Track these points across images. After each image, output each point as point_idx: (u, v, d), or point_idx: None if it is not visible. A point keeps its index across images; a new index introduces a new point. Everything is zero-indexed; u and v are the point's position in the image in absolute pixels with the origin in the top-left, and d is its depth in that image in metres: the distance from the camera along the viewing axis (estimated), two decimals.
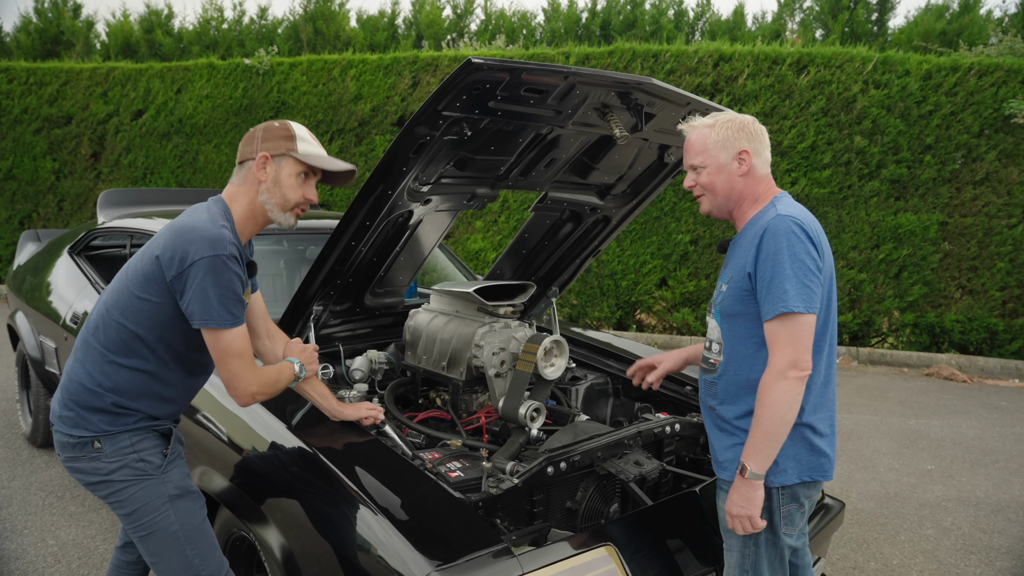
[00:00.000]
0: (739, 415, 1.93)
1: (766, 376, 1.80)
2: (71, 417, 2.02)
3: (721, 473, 1.99)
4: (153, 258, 1.93)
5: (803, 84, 8.03)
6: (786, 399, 1.76)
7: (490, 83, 2.02)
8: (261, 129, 2.04)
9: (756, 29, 12.12)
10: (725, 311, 1.94)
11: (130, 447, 2.01)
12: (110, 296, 2.03)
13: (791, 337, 1.77)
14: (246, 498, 2.29)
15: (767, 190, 1.99)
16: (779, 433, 1.78)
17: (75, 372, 2.03)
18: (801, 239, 1.81)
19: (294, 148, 2.01)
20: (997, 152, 7.68)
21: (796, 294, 1.77)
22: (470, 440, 2.61)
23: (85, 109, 10.19)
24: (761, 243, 1.83)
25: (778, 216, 1.85)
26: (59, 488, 4.02)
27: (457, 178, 2.51)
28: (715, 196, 1.99)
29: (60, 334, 3.92)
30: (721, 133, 1.95)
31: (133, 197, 4.54)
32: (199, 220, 1.93)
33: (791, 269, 1.78)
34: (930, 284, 7.94)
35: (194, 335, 1.98)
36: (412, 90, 9.09)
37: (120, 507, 2.05)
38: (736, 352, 1.93)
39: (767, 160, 1.99)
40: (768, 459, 1.80)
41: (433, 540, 1.88)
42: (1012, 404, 6.51)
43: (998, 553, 3.66)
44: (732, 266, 1.95)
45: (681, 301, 8.54)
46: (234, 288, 1.90)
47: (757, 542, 1.92)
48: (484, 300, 2.79)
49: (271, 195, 2.02)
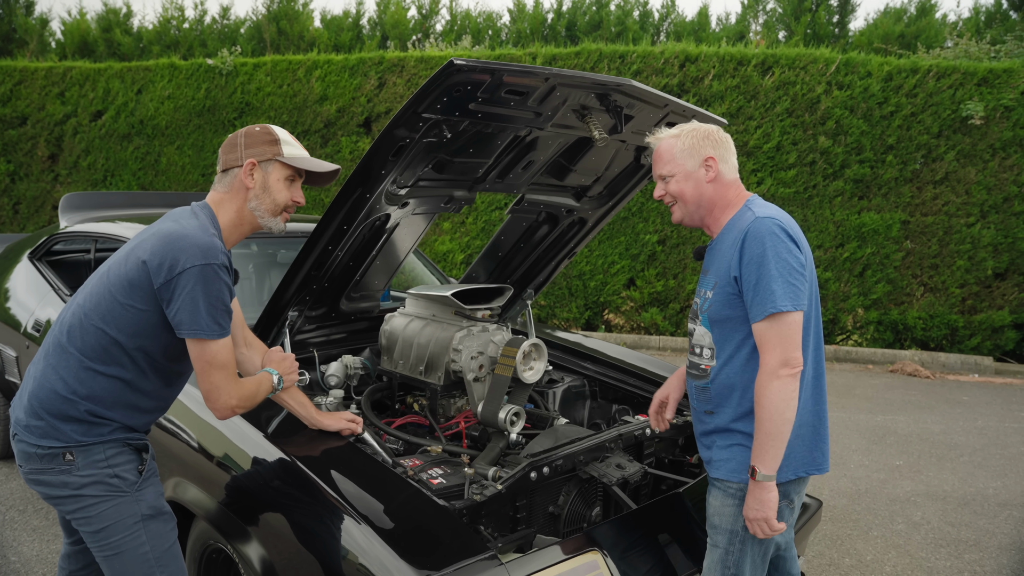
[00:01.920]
0: (735, 417, 1.94)
1: (760, 377, 1.83)
2: (40, 427, 1.92)
3: (712, 471, 2.00)
4: (139, 263, 1.86)
5: (768, 85, 8.13)
6: (782, 397, 1.79)
7: (471, 85, 2.00)
8: (243, 135, 2.00)
9: (720, 30, 12.26)
10: (714, 317, 1.95)
11: (104, 461, 1.93)
12: (88, 300, 1.94)
13: (780, 336, 1.81)
14: (223, 509, 2.23)
15: (737, 195, 2.02)
16: (782, 432, 1.80)
17: (47, 379, 1.94)
18: (783, 239, 1.84)
19: (280, 152, 1.98)
20: (956, 152, 7.86)
21: (783, 293, 1.80)
22: (450, 446, 2.58)
23: (41, 110, 9.92)
24: (744, 246, 1.86)
25: (757, 219, 1.88)
26: (20, 502, 3.89)
27: (435, 181, 2.48)
28: (686, 204, 2.02)
29: (21, 342, 3.80)
30: (687, 142, 1.99)
31: (97, 200, 4.42)
32: (190, 227, 1.87)
33: (776, 270, 1.81)
34: (893, 282, 8.10)
35: (175, 344, 1.92)
36: (378, 91, 9.02)
37: (87, 524, 1.96)
38: (729, 355, 1.94)
39: (734, 166, 2.03)
40: (776, 459, 1.82)
41: (419, 549, 1.85)
42: (973, 399, 6.66)
43: (966, 546, 3.73)
44: (714, 272, 1.97)
45: (649, 301, 8.59)
46: (223, 298, 1.85)
47: (743, 539, 1.94)
48: (462, 304, 2.76)
49: (261, 201, 1.99)
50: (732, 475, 1.94)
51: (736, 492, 1.94)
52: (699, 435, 2.08)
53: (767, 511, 1.84)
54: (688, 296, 8.50)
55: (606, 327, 8.97)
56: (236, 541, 2.14)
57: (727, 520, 1.96)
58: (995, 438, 5.46)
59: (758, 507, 1.84)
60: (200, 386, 1.91)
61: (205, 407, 2.41)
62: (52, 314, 3.65)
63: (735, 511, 1.94)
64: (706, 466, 2.04)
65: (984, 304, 8.02)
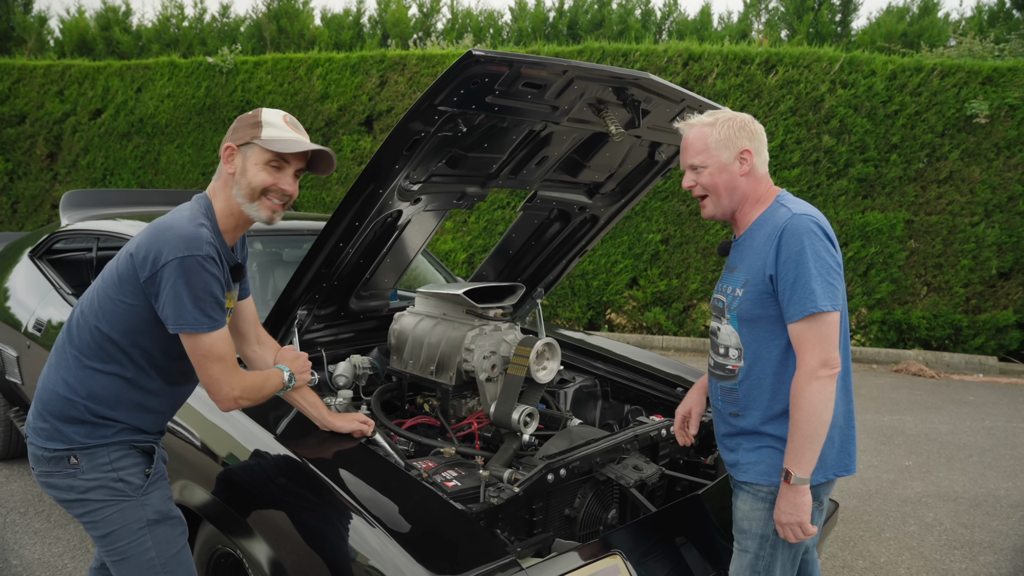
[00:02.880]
0: (764, 420, 1.88)
1: (798, 378, 1.77)
2: (46, 429, 1.89)
3: (739, 474, 1.94)
4: (127, 256, 1.82)
5: (772, 84, 8.09)
6: (821, 399, 1.74)
7: (489, 77, 1.95)
8: (237, 120, 1.94)
9: (722, 29, 12.21)
10: (744, 316, 1.89)
11: (108, 464, 1.88)
12: (85, 298, 1.92)
13: (819, 336, 1.75)
14: (232, 512, 2.18)
15: (767, 190, 1.96)
16: (819, 434, 1.75)
17: (49, 380, 1.91)
18: (821, 238, 1.79)
19: (258, 135, 1.87)
20: (960, 151, 7.82)
21: (823, 293, 1.75)
22: (463, 447, 2.53)
23: (40, 108, 9.85)
24: (780, 244, 1.80)
25: (795, 216, 1.82)
26: (21, 504, 3.83)
27: (448, 176, 2.43)
28: (718, 198, 1.95)
29: (22, 342, 3.74)
30: (723, 132, 1.90)
31: (98, 198, 4.36)
32: (177, 218, 1.82)
33: (815, 268, 1.76)
34: (897, 281, 8.06)
35: (172, 341, 1.86)
36: (380, 89, 8.96)
37: (94, 528, 1.92)
38: (759, 356, 1.88)
39: (766, 160, 1.97)
40: (811, 462, 1.77)
41: (437, 553, 1.80)
42: (979, 399, 6.62)
43: (980, 547, 3.69)
44: (745, 269, 1.90)
45: (652, 300, 8.55)
46: (210, 290, 1.78)
47: (775, 544, 1.88)
48: (474, 302, 2.71)
49: (240, 187, 1.88)
50: (762, 478, 1.88)
51: (767, 496, 1.88)
52: (722, 437, 2.02)
53: (801, 515, 1.78)
54: (691, 296, 8.45)
55: (608, 327, 8.92)
56: (243, 541, 2.09)
57: (757, 524, 1.90)
58: (1004, 438, 5.42)
59: (792, 511, 1.79)
60: (200, 380, 1.87)
61: (211, 407, 2.37)
62: (54, 313, 3.60)
63: (765, 515, 1.88)
64: (730, 469, 1.98)
65: (988, 304, 7.99)
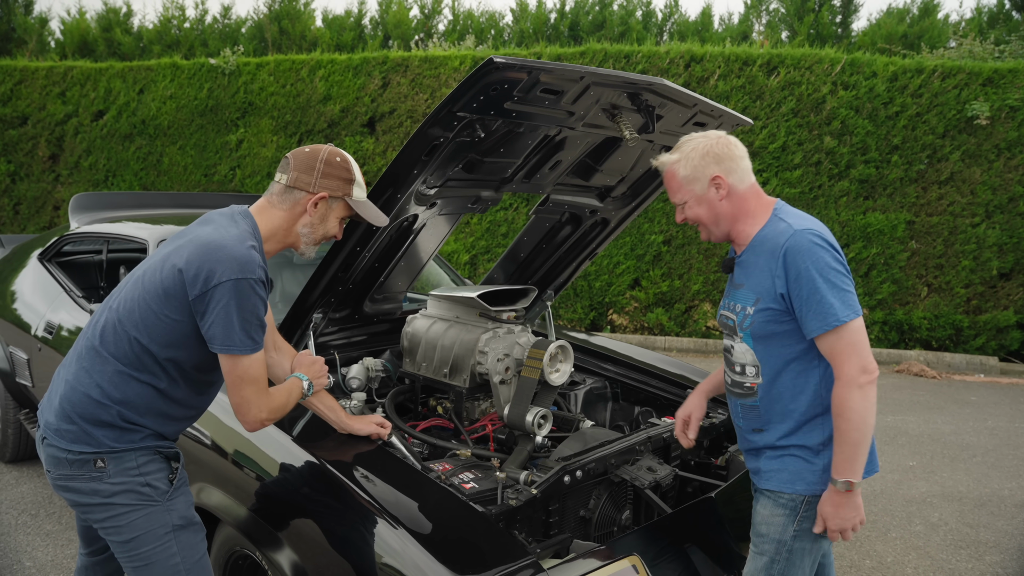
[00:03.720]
0: (786, 433, 1.90)
1: (839, 390, 1.78)
2: (72, 431, 1.88)
3: (761, 482, 1.96)
4: (175, 271, 1.81)
5: (773, 85, 8.12)
6: (866, 406, 1.76)
7: (508, 83, 1.97)
8: (323, 162, 1.94)
9: (723, 30, 12.24)
10: (758, 333, 1.90)
11: (136, 468, 1.89)
12: (123, 305, 1.90)
13: (851, 345, 1.77)
14: (252, 515, 2.20)
15: (759, 203, 1.95)
16: (867, 439, 1.78)
17: (80, 382, 1.89)
18: (825, 249, 1.81)
19: (350, 194, 1.97)
20: (961, 153, 7.85)
21: (840, 304, 1.77)
22: (478, 449, 2.55)
23: (42, 109, 9.86)
24: (786, 262, 1.82)
25: (796, 233, 1.83)
26: (32, 506, 3.85)
27: (464, 181, 2.45)
28: (706, 226, 1.98)
29: (33, 344, 3.76)
30: (688, 166, 1.92)
31: (107, 201, 4.37)
32: (228, 237, 1.82)
33: (826, 282, 1.78)
34: (898, 282, 8.09)
35: (207, 356, 1.88)
36: (382, 91, 8.98)
37: (117, 533, 1.92)
38: (778, 371, 1.89)
39: (746, 171, 1.94)
40: (862, 465, 1.80)
41: (458, 554, 1.82)
42: (981, 399, 6.65)
43: (986, 547, 3.72)
44: (752, 287, 1.91)
45: (654, 301, 8.57)
46: (258, 313, 1.81)
47: (791, 550, 1.89)
48: (487, 305, 2.74)
49: (313, 231, 1.97)
50: (784, 486, 1.89)
51: (787, 503, 1.89)
52: (744, 449, 2.04)
53: (861, 514, 1.82)
54: (693, 296, 8.48)
55: (611, 328, 8.95)
56: (266, 548, 2.11)
57: (775, 530, 1.91)
58: (1007, 438, 5.45)
59: (854, 513, 1.81)
60: (231, 399, 1.88)
61: (229, 411, 2.38)
62: (65, 317, 3.61)
63: (785, 521, 1.89)
64: (753, 476, 2.01)
65: (989, 304, 8.02)
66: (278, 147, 9.23)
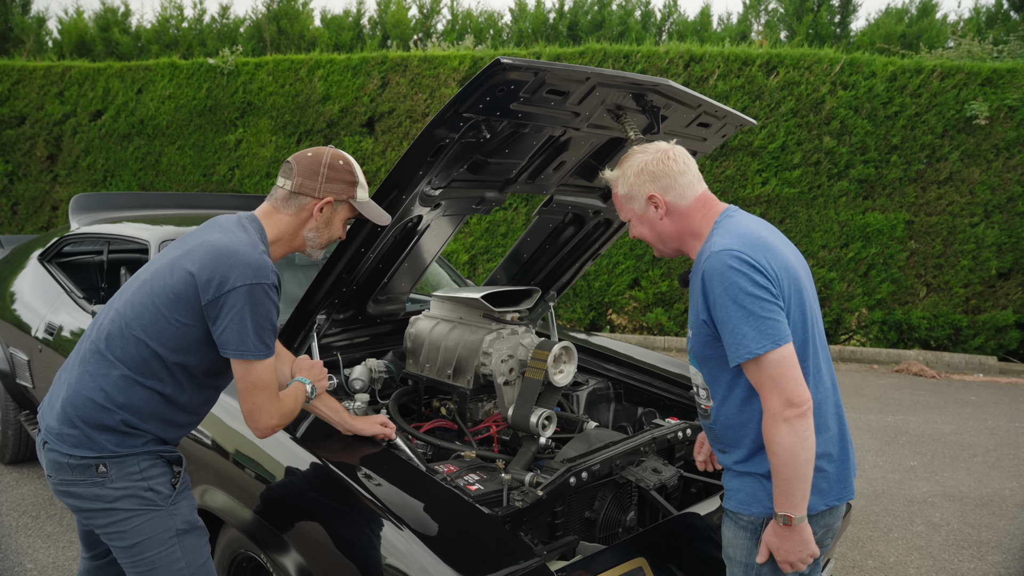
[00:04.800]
0: (742, 458, 1.79)
1: (765, 423, 1.66)
2: (74, 435, 1.86)
3: (725, 501, 1.86)
4: (186, 275, 1.80)
5: (773, 85, 8.12)
6: (794, 440, 1.62)
7: (515, 84, 1.97)
8: (326, 166, 1.94)
9: (722, 30, 12.25)
10: (698, 356, 1.82)
11: (138, 473, 1.88)
12: (130, 309, 1.88)
13: (772, 378, 1.63)
14: (257, 517, 2.20)
15: (703, 218, 1.83)
16: (802, 473, 1.64)
17: (83, 385, 1.87)
18: (739, 271, 1.65)
19: (354, 196, 1.99)
20: (960, 152, 7.86)
21: (755, 336, 1.62)
22: (483, 451, 2.54)
23: (40, 109, 9.82)
24: (705, 288, 1.71)
25: (711, 255, 1.70)
26: (33, 507, 3.84)
27: (468, 182, 2.45)
28: (653, 244, 1.91)
29: (33, 345, 3.75)
30: (625, 186, 1.86)
31: (107, 201, 4.36)
32: (240, 242, 1.82)
33: (738, 312, 1.64)
34: (897, 282, 8.10)
35: (217, 361, 1.87)
36: (381, 91, 8.97)
37: (120, 539, 1.90)
38: (724, 395, 1.79)
39: (687, 186, 1.82)
40: (803, 499, 1.66)
41: (465, 556, 1.81)
42: (981, 399, 6.66)
43: (988, 547, 3.72)
44: (691, 308, 1.80)
45: (654, 301, 8.57)
46: (271, 318, 1.81)
47: (759, 572, 1.78)
48: (491, 306, 2.73)
49: (319, 234, 1.99)
50: (741, 507, 1.79)
51: (747, 525, 1.78)
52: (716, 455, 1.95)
53: (810, 548, 1.69)
54: None
55: (610, 327, 8.95)
56: (271, 550, 2.10)
57: (741, 553, 1.81)
58: (1007, 438, 5.46)
59: (801, 548, 1.68)
60: (242, 406, 1.87)
61: (232, 412, 2.38)
62: (66, 318, 3.60)
63: (748, 544, 1.79)
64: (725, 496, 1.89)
65: (988, 304, 8.03)
66: (277, 147, 9.21)
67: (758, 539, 1.76)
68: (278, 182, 1.99)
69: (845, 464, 1.82)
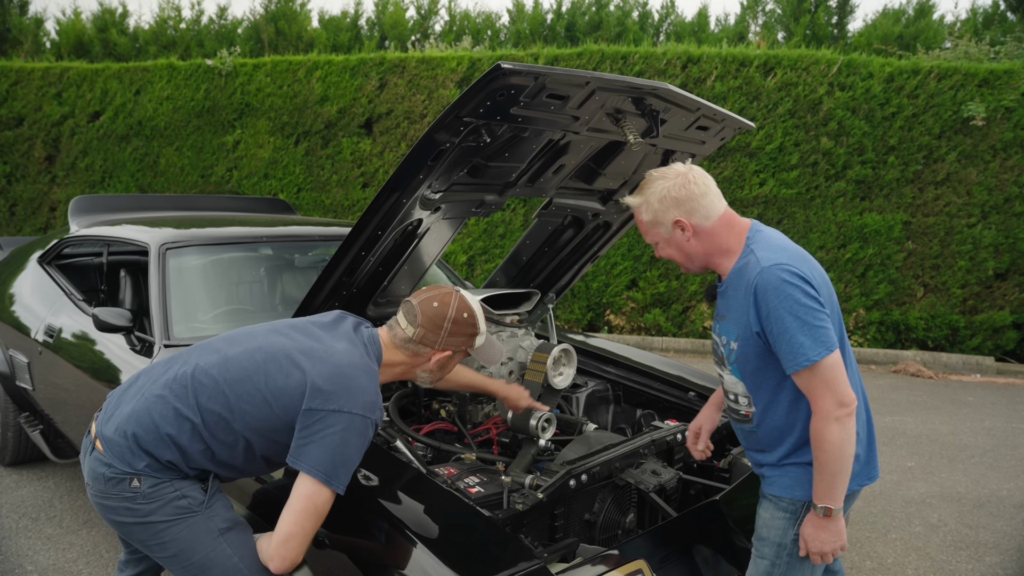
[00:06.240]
0: (785, 454, 1.91)
1: (815, 424, 1.77)
2: (120, 444, 1.86)
3: (764, 485, 1.98)
4: (302, 379, 1.80)
5: (770, 86, 8.14)
6: (843, 437, 1.75)
7: (515, 89, 1.98)
8: (450, 320, 1.98)
9: (720, 31, 12.27)
10: (744, 368, 1.90)
11: (170, 484, 1.87)
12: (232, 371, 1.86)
13: (825, 382, 1.75)
14: (252, 516, 2.21)
15: (730, 235, 1.91)
16: (846, 468, 1.78)
17: (156, 408, 1.86)
18: (793, 284, 1.76)
19: (472, 346, 2.05)
20: (957, 153, 7.89)
21: (811, 344, 1.73)
22: (483, 453, 2.55)
23: (38, 110, 9.83)
24: (756, 301, 1.80)
25: (763, 271, 1.79)
26: (33, 509, 3.84)
27: (468, 185, 2.46)
28: (681, 264, 1.99)
29: (33, 348, 3.75)
30: (649, 212, 1.93)
31: (106, 204, 4.37)
32: (362, 369, 1.85)
33: (795, 322, 1.74)
34: (895, 282, 8.12)
35: (278, 450, 1.86)
36: (379, 92, 8.98)
37: (163, 549, 1.89)
38: (769, 401, 1.90)
39: (710, 207, 1.89)
40: (842, 492, 1.80)
41: (467, 559, 1.82)
42: (978, 399, 6.68)
43: (986, 548, 3.73)
44: (734, 321, 1.90)
45: (651, 302, 8.59)
46: (359, 454, 1.83)
47: (792, 554, 1.90)
48: (491, 309, 2.74)
49: (432, 375, 2.07)
50: (784, 491, 1.91)
51: (787, 507, 1.91)
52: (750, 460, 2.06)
53: (842, 540, 1.83)
54: (690, 297, 8.50)
55: (608, 328, 8.96)
56: None
57: (776, 533, 1.92)
58: (1004, 439, 5.48)
59: (834, 538, 1.82)
60: (286, 526, 1.79)
61: None
62: (66, 320, 3.61)
63: (785, 525, 1.91)
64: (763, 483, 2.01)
65: (985, 304, 8.06)
66: (275, 148, 9.22)
67: (795, 521, 1.90)
68: (400, 320, 2.00)
69: (871, 448, 1.97)
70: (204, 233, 3.58)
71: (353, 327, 1.99)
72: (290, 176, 9.23)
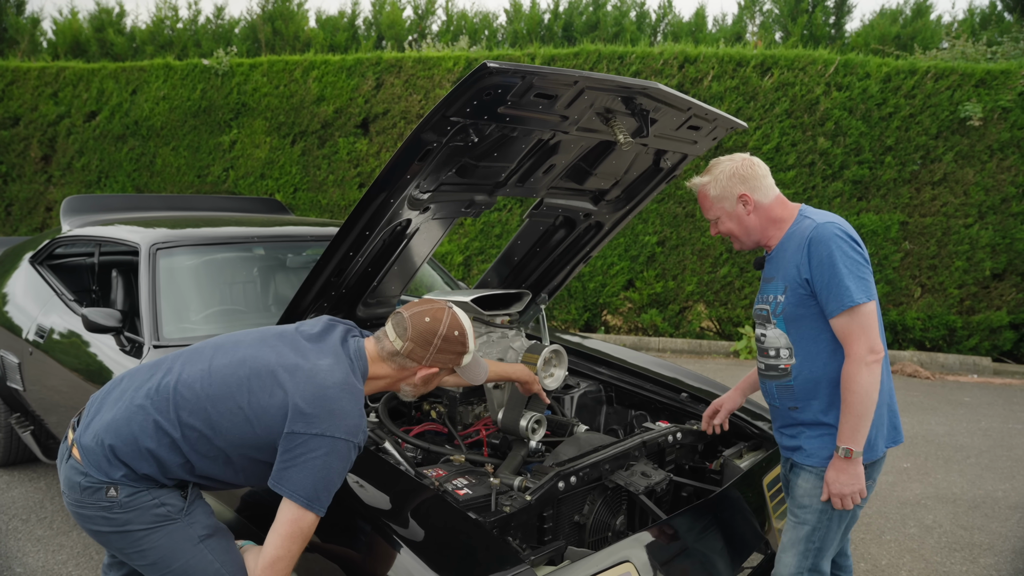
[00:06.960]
0: (822, 409, 2.10)
1: (848, 367, 1.99)
2: (97, 453, 1.83)
3: (803, 459, 2.15)
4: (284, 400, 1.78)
5: (767, 86, 8.12)
6: (871, 381, 1.96)
7: (502, 88, 1.96)
8: (440, 337, 1.95)
9: (717, 31, 12.26)
10: (789, 317, 2.11)
11: (147, 492, 1.85)
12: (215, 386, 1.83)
13: (862, 327, 1.97)
14: (239, 517, 2.20)
15: (784, 210, 2.20)
16: (870, 413, 1.98)
17: (136, 419, 1.83)
18: (846, 239, 2.02)
19: (460, 363, 2.03)
20: (954, 153, 7.87)
21: (856, 288, 1.97)
22: (472, 455, 2.54)
23: (34, 110, 9.81)
24: (810, 251, 2.04)
25: (819, 225, 2.06)
26: (23, 511, 3.82)
27: (457, 185, 2.44)
28: (739, 238, 2.24)
29: (24, 348, 3.74)
30: (718, 187, 2.20)
31: (99, 204, 4.35)
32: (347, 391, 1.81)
33: (845, 268, 1.98)
34: (892, 283, 8.11)
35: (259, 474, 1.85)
36: (376, 92, 8.96)
37: (142, 557, 1.86)
38: (809, 351, 2.09)
39: (770, 187, 2.20)
40: (864, 436, 1.99)
41: (452, 561, 1.81)
42: (975, 400, 6.67)
43: (980, 550, 3.72)
44: (782, 277, 2.13)
45: (648, 302, 8.58)
46: (341, 477, 1.81)
47: (830, 516, 2.09)
48: (481, 310, 2.73)
49: (415, 389, 2.05)
50: (824, 463, 2.10)
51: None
52: (780, 428, 2.24)
53: (860, 483, 2.01)
54: (687, 297, 8.49)
55: (605, 328, 8.95)
56: None
57: (817, 500, 2.11)
58: (1000, 439, 5.47)
59: (852, 481, 2.01)
60: (272, 550, 1.77)
61: None
62: (56, 320, 3.59)
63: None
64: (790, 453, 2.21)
65: (982, 304, 8.04)
66: (271, 148, 9.20)
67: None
68: (389, 333, 1.97)
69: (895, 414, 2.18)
70: (195, 233, 3.57)
71: (341, 339, 1.95)
72: (286, 176, 9.21)
